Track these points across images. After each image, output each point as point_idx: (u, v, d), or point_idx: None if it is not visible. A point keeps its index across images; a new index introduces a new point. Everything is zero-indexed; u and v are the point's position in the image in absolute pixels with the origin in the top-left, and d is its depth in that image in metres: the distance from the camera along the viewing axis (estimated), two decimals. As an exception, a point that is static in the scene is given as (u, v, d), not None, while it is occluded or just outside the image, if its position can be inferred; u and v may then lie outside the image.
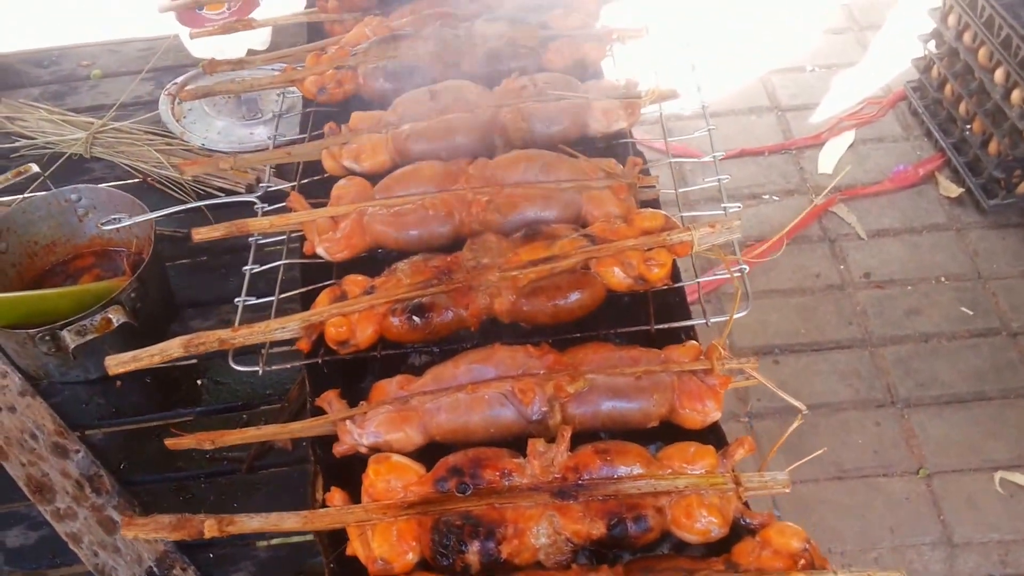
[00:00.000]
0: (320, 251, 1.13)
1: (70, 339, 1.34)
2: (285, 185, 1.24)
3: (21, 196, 1.66)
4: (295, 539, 1.27)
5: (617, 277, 1.01)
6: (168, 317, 1.55)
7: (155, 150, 1.70)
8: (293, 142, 1.30)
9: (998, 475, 2.19)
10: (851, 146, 3.04)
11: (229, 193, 1.68)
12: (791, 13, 3.53)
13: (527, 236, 1.05)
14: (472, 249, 1.05)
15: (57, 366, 1.43)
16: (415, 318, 1.02)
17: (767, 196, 2.97)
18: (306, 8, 1.49)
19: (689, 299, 1.16)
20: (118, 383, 1.47)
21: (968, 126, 2.80)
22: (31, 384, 1.46)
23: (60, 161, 1.75)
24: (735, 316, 0.99)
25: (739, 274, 1.04)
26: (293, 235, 1.20)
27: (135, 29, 3.53)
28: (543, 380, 0.96)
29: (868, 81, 3.23)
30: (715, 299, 2.57)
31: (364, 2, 1.40)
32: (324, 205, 1.17)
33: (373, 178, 1.18)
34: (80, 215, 1.56)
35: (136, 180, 1.73)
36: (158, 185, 1.71)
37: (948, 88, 2.88)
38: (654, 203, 1.14)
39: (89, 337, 1.35)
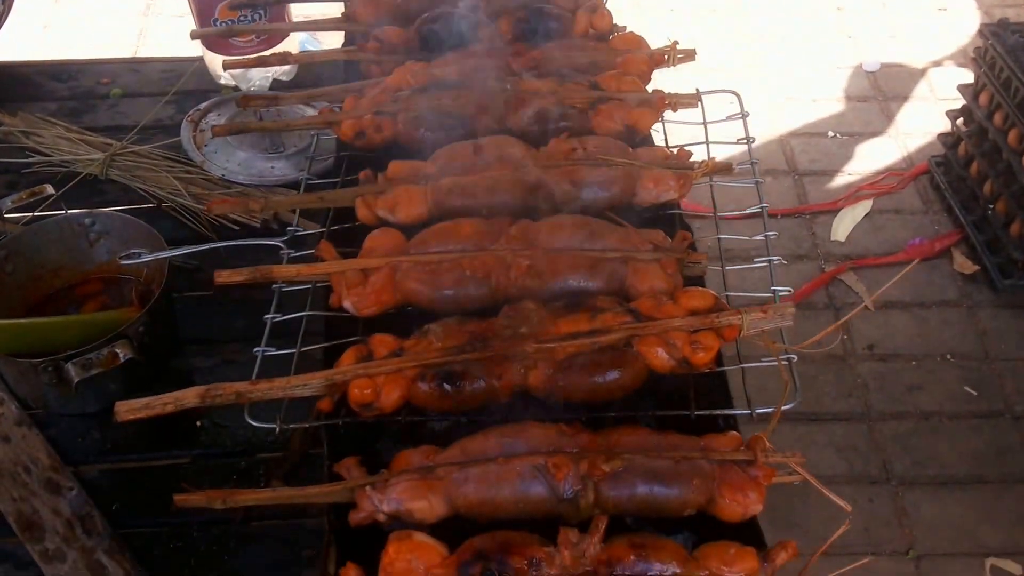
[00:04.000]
0: (347, 305, 1.07)
1: (75, 372, 1.28)
2: (314, 230, 1.19)
3: (31, 214, 1.61)
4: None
5: (660, 358, 0.96)
6: (170, 352, 1.49)
7: (174, 177, 1.65)
8: (325, 185, 1.25)
9: (989, 561, 2.14)
10: (867, 215, 3.00)
11: (244, 227, 1.63)
12: (815, 81, 3.51)
13: (568, 307, 1.00)
14: (509, 316, 1.00)
15: (56, 397, 1.37)
16: (445, 385, 0.96)
17: (776, 259, 2.92)
18: (344, 46, 1.45)
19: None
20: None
21: (992, 205, 2.77)
22: (28, 414, 1.40)
23: (75, 181, 1.70)
24: (783, 408, 0.94)
25: (786, 363, 0.98)
26: (319, 284, 1.14)
27: (156, 45, 3.55)
28: (577, 457, 0.91)
29: (890, 152, 3.20)
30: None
31: (405, 45, 1.36)
32: (354, 254, 1.12)
33: (408, 230, 1.13)
34: (91, 240, 1.50)
35: (150, 205, 1.68)
36: (172, 212, 1.66)
37: (974, 166, 2.85)
38: (698, 279, 1.09)
39: (94, 372, 1.29)
